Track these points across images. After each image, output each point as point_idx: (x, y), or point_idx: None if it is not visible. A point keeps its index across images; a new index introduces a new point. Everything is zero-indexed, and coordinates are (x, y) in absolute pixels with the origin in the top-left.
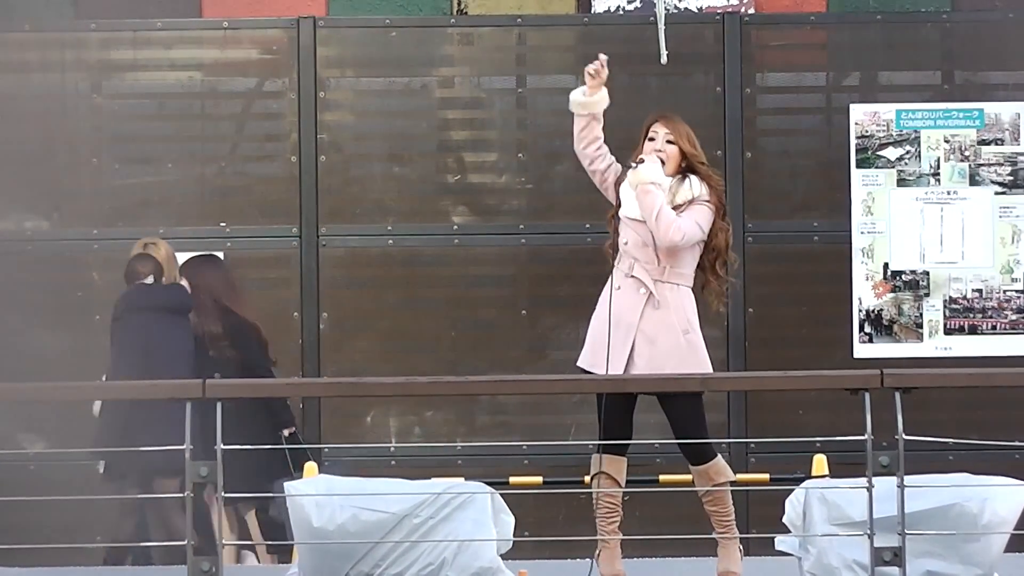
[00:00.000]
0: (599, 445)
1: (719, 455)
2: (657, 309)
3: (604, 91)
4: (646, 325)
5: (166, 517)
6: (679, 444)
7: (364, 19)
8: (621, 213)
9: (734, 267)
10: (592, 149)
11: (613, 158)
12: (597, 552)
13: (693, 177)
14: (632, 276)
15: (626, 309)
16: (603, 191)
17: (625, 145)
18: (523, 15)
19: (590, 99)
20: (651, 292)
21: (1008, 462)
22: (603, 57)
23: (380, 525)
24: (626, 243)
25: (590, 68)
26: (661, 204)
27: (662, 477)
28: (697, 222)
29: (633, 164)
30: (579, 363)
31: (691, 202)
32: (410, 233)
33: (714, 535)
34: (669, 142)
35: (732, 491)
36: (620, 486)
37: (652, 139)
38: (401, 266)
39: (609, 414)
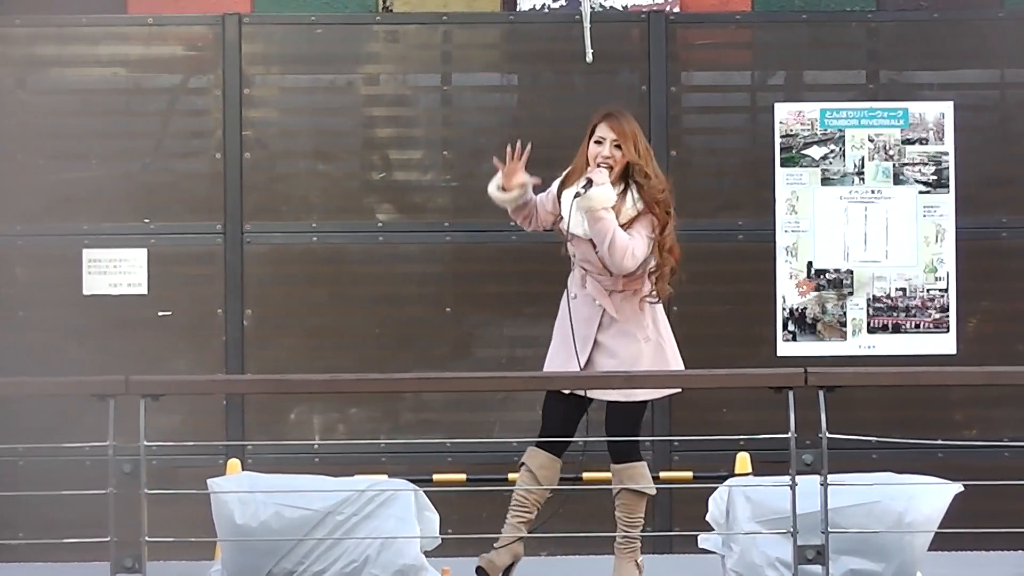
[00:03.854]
0: (537, 441)
1: (644, 463)
2: (614, 321)
3: (521, 177)
4: (603, 337)
5: None
6: (608, 441)
7: (289, 16)
8: (566, 229)
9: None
10: (525, 212)
11: (536, 197)
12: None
13: (632, 190)
14: (585, 288)
15: (583, 321)
16: (543, 228)
17: (552, 144)
18: (448, 13)
19: (509, 196)
20: (605, 305)
21: (931, 461)
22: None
23: (303, 522)
24: (574, 255)
25: (498, 164)
26: (613, 230)
27: (585, 475)
28: (648, 237)
29: (581, 190)
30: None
31: (635, 217)
32: (335, 230)
33: (616, 545)
34: (616, 146)
35: (657, 488)
36: (540, 484)
37: (599, 143)
38: (326, 263)
39: (551, 415)
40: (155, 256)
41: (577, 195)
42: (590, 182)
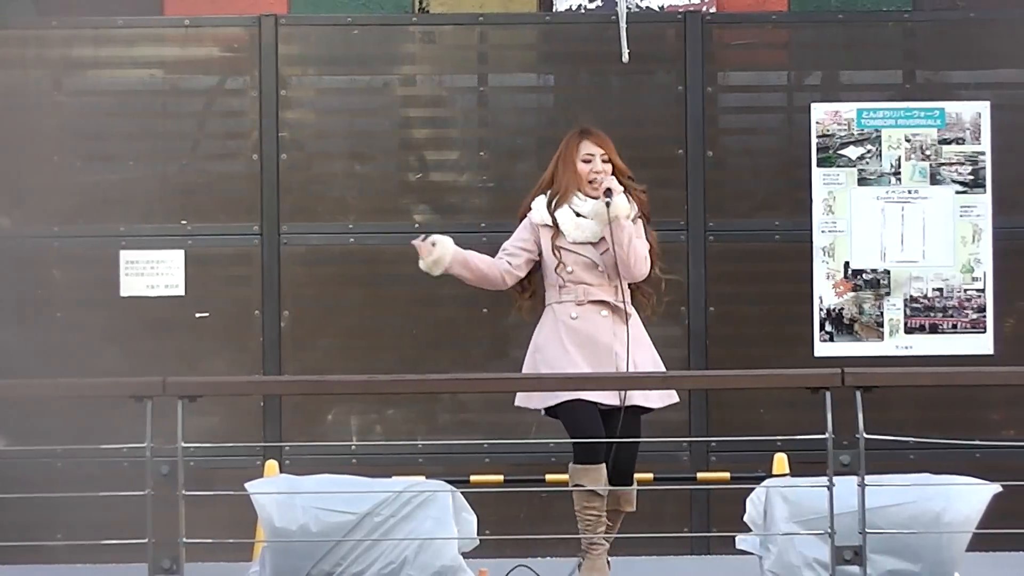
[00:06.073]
0: (575, 456)
1: None
2: (627, 327)
3: (443, 250)
4: (622, 347)
5: None
6: (618, 465)
7: (326, 17)
8: (568, 240)
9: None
10: (508, 280)
11: (515, 248)
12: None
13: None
14: (590, 302)
15: (598, 333)
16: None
17: None
18: (485, 13)
19: (428, 266)
20: (618, 312)
21: (968, 461)
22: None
23: (341, 524)
24: (571, 271)
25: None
26: (632, 237)
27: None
28: (647, 243)
29: (606, 199)
30: (541, 405)
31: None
32: (371, 231)
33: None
34: (604, 161)
35: (694, 490)
36: (600, 496)
37: (587, 161)
38: (362, 264)
39: (589, 427)
40: (192, 257)
41: (607, 203)
42: (610, 191)
